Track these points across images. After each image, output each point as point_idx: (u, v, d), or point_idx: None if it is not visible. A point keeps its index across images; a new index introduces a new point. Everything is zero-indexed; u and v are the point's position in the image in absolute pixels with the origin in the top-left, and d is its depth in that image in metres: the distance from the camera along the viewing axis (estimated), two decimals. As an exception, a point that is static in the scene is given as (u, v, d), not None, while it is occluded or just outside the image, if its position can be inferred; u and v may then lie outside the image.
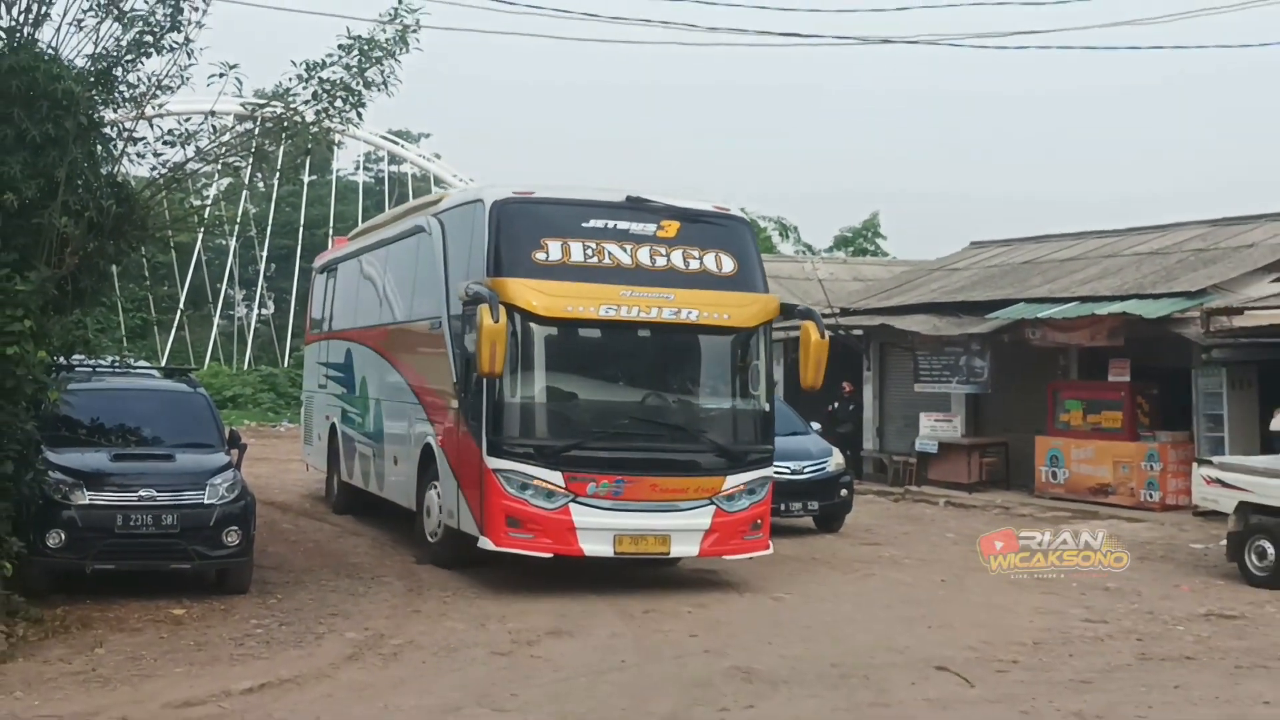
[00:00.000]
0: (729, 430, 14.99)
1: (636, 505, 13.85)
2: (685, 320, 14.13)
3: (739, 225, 15.34)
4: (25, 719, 9.50)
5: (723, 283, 14.47)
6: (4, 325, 11.87)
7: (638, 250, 14.18)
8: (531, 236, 13.98)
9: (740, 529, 14.47)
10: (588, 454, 13.89)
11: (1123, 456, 23.52)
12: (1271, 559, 15.72)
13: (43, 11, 13.02)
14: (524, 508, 13.69)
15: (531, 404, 14.30)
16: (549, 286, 13.67)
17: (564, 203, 14.64)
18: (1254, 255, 24.06)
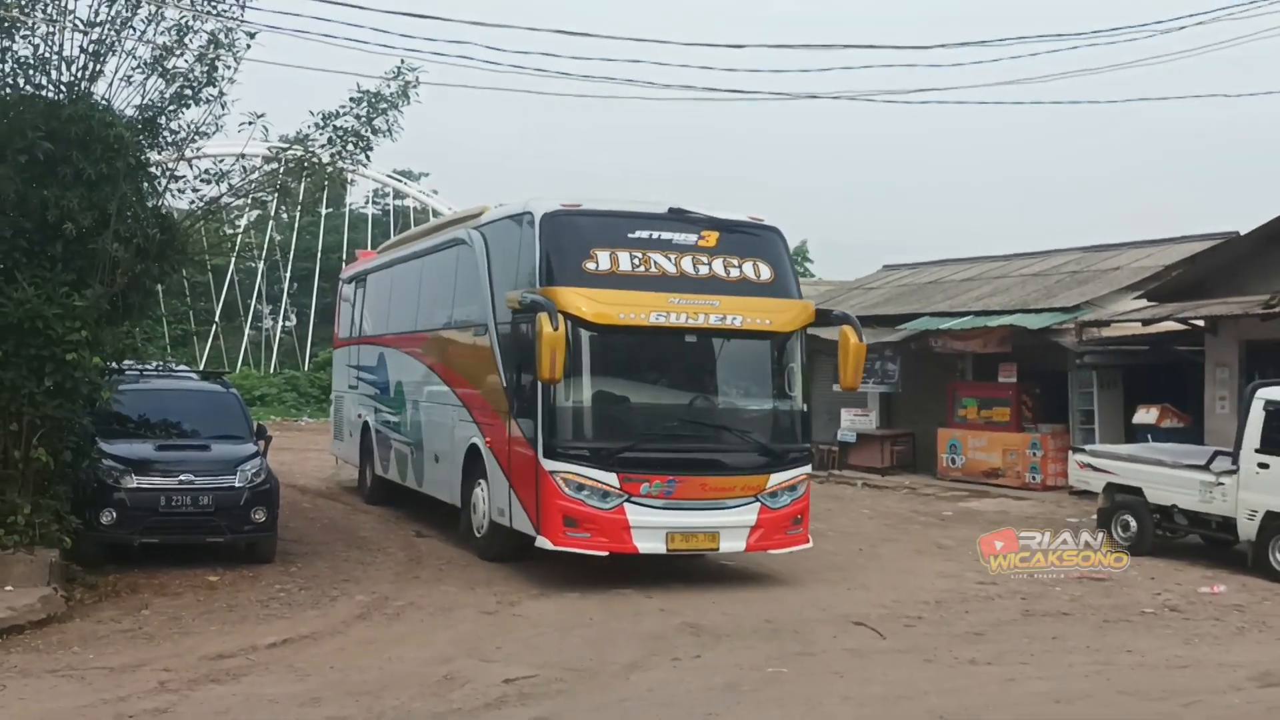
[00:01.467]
0: (771, 431, 13.53)
1: (687, 504, 12.54)
2: (730, 326, 12.74)
3: (773, 235, 13.72)
4: (81, 669, 9.42)
5: (762, 289, 13.14)
6: (64, 335, 11.82)
7: (681, 259, 12.84)
8: (581, 247, 12.67)
9: (783, 525, 13.10)
10: (641, 455, 12.53)
11: (1010, 445, 23.63)
12: (1134, 530, 15.86)
13: (97, 69, 12.97)
14: (580, 508, 12.32)
15: (585, 408, 12.76)
16: (601, 295, 12.32)
17: (610, 214, 13.25)
18: (1120, 276, 24.24)
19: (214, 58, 13.45)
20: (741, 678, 9.43)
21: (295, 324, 65.98)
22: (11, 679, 9.13)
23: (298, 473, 23.15)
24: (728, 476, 12.89)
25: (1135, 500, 15.97)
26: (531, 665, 9.63)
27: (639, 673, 9.60)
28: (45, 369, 11.88)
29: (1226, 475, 14.76)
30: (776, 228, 13.72)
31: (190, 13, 13.39)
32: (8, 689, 8.85)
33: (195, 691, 8.86)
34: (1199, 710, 8.72)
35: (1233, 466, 14.69)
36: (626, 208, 13.33)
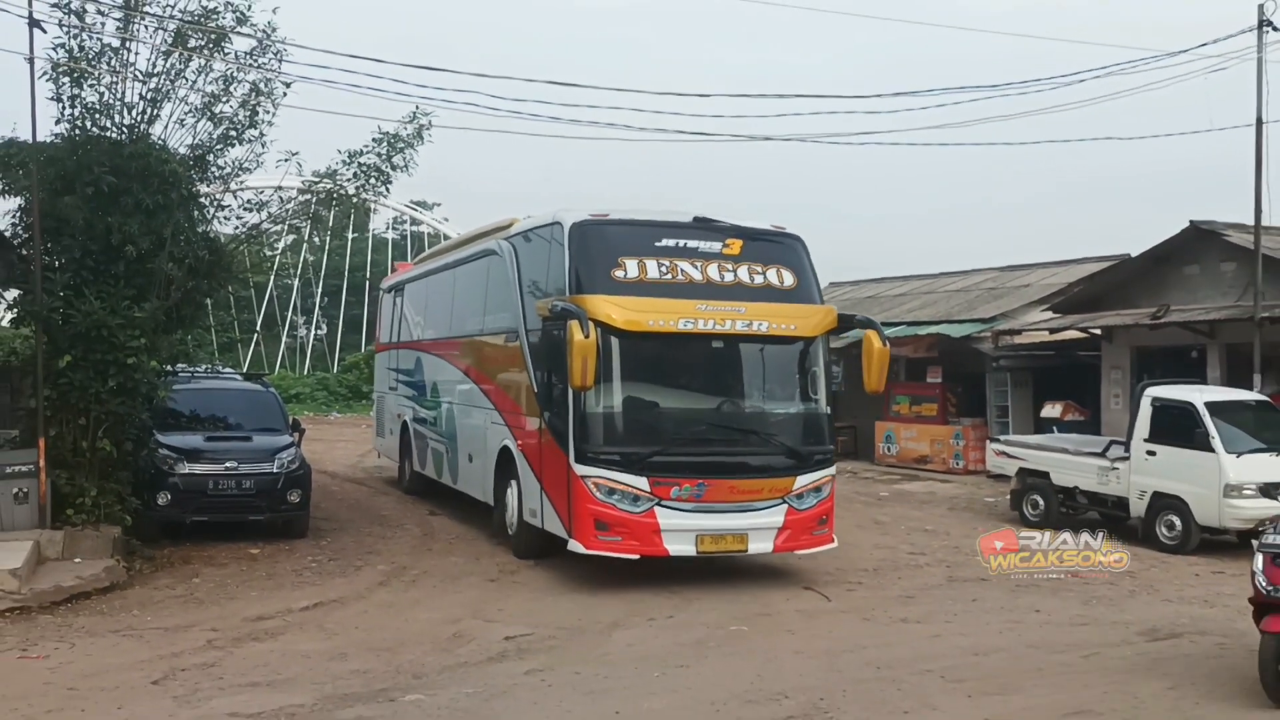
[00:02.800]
0: (797, 433, 12.00)
1: (717, 507, 11.12)
2: (756, 331, 11.31)
3: (795, 242, 12.16)
4: (140, 630, 9.37)
5: (786, 295, 11.68)
6: (126, 342, 11.80)
7: (707, 267, 11.43)
8: (609, 256, 11.26)
9: (809, 526, 11.63)
10: (670, 459, 11.11)
11: (937, 436, 23.69)
12: (1041, 508, 15.92)
13: (154, 113, 12.96)
14: (611, 512, 10.92)
15: (616, 413, 11.29)
16: (630, 302, 10.94)
17: (637, 223, 11.76)
18: (1030, 292, 24.35)
19: (255, 104, 13.43)
20: (708, 635, 9.44)
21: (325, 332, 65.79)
22: (80, 638, 9.08)
23: (327, 460, 23.04)
24: (756, 479, 11.39)
25: (1043, 483, 16.03)
26: (528, 625, 9.62)
27: (621, 630, 9.60)
28: (109, 371, 11.83)
29: (1120, 461, 14.84)
30: (798, 235, 12.24)
31: (235, 65, 13.37)
32: (76, 646, 8.80)
33: (239, 648, 8.82)
34: (1095, 661, 8.75)
35: (1125, 454, 14.78)
36: (653, 217, 11.89)
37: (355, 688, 7.76)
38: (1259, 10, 17.28)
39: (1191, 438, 13.90)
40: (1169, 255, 20.06)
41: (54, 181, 12.14)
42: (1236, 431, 14.05)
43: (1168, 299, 19.75)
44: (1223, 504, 13.54)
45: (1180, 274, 20.08)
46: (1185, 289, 19.92)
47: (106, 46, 12.68)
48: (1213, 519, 13.71)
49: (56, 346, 11.92)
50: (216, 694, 7.57)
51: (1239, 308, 18.19)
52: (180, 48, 12.99)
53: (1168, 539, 14.01)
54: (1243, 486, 13.48)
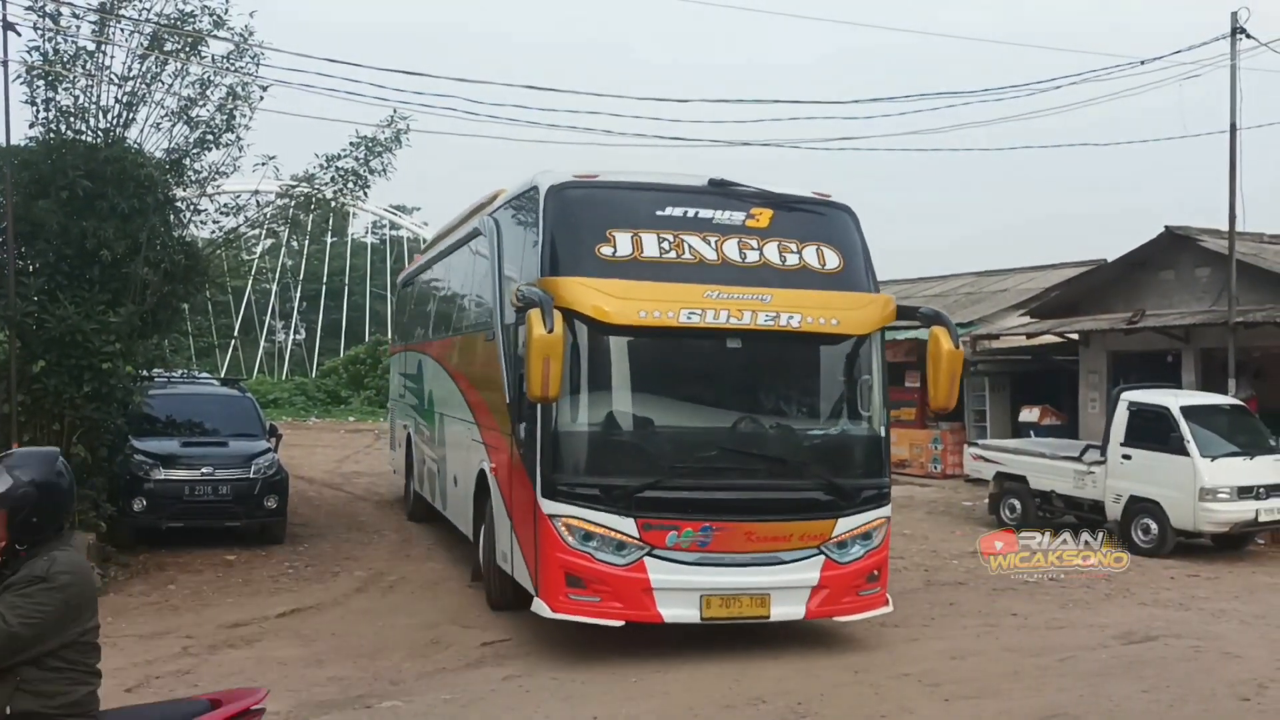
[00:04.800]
0: (839, 461, 9.28)
1: (728, 558, 8.53)
2: (785, 327, 8.55)
3: (843, 214, 9.45)
4: (114, 638, 9.22)
5: (827, 281, 8.93)
6: (100, 348, 11.71)
7: (724, 243, 8.74)
8: (595, 227, 8.65)
9: (854, 583, 8.95)
10: (667, 495, 8.48)
11: (916, 440, 23.76)
12: (1019, 512, 15.99)
13: (130, 117, 12.93)
14: (588, 564, 8.35)
15: (596, 433, 8.68)
16: (616, 287, 8.31)
17: (634, 187, 9.16)
18: (1007, 297, 24.52)
19: (232, 108, 13.42)
20: (685, 640, 9.37)
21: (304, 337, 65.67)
22: (53, 646, 8.97)
23: (306, 466, 22.92)
24: (781, 522, 8.70)
25: (1020, 486, 16.10)
26: (506, 631, 9.58)
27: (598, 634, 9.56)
28: (84, 377, 11.73)
29: (1096, 465, 14.92)
30: (848, 206, 9.51)
31: (212, 69, 13.34)
32: (49, 655, 8.70)
33: (214, 655, 8.78)
34: (1072, 664, 8.79)
35: (1101, 458, 14.86)
36: (656, 179, 9.32)
37: (331, 694, 7.73)
38: (1232, 18, 17.43)
39: (1167, 441, 14.00)
40: (1145, 260, 20.21)
41: (28, 185, 12.04)
42: (1211, 435, 14.17)
43: (1144, 304, 19.90)
44: (1198, 507, 13.63)
45: (1156, 279, 20.23)
46: (1161, 294, 20.06)
47: (81, 50, 12.64)
48: (1188, 522, 13.81)
49: (30, 352, 11.83)
50: (191, 702, 7.51)
51: (1213, 312, 18.33)
52: (156, 51, 12.95)
53: (1143, 542, 14.09)
54: (1217, 490, 13.60)
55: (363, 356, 47.75)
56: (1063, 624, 10.25)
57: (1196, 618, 10.64)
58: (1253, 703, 7.83)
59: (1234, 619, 10.63)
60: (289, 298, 62.11)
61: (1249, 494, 13.75)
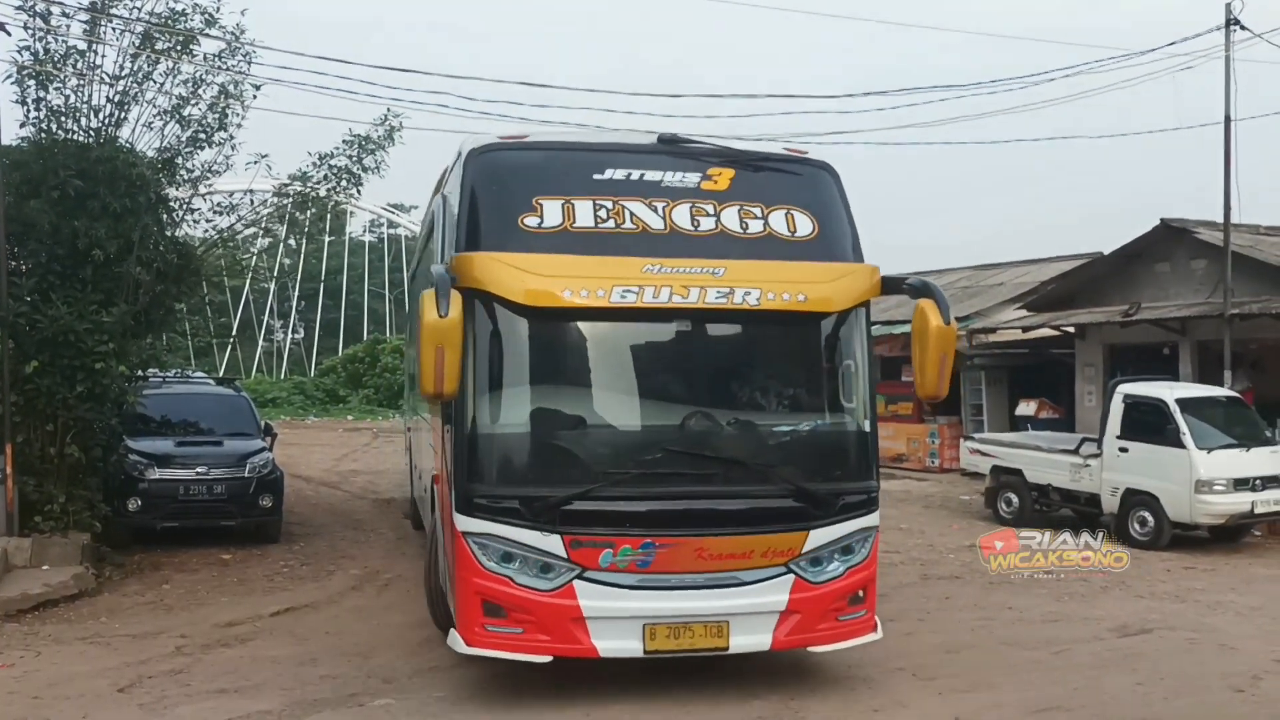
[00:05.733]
0: (813, 462, 7.83)
1: (675, 580, 7.17)
2: (740, 305, 7.19)
3: (819, 173, 8.01)
4: (108, 637, 9.28)
5: (797, 250, 7.56)
6: (93, 347, 11.66)
7: (673, 209, 7.43)
8: (520, 195, 7.39)
9: (832, 606, 7.54)
10: (599, 506, 7.12)
11: (913, 434, 23.79)
12: (1015, 505, 16.00)
13: (122, 116, 12.86)
14: (507, 589, 7.07)
15: (515, 436, 7.39)
16: (538, 263, 7.05)
17: (568, 148, 8.12)
18: (1003, 291, 24.52)
19: (225, 107, 13.35)
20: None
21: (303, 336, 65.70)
22: (45, 646, 8.97)
23: (303, 465, 22.92)
24: (740, 535, 7.29)
25: (1016, 480, 16.09)
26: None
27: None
28: (77, 377, 11.69)
29: (1092, 458, 14.92)
30: (826, 163, 8.11)
31: (204, 68, 13.30)
32: (42, 654, 8.70)
33: (207, 654, 8.74)
34: (1066, 657, 8.78)
35: (1097, 451, 14.85)
36: (595, 139, 8.42)
37: (325, 693, 7.70)
38: (1226, 9, 17.43)
39: (1163, 434, 13.99)
40: (1140, 253, 20.21)
41: (20, 185, 12.00)
42: (1207, 428, 14.17)
43: (1139, 296, 19.89)
44: (1194, 500, 13.63)
45: (1152, 271, 20.22)
46: (1157, 286, 20.06)
47: (72, 49, 12.57)
48: (1184, 515, 13.80)
49: (23, 352, 11.78)
50: (183, 701, 7.50)
51: (1209, 305, 18.33)
52: (148, 50, 12.91)
53: (1140, 535, 14.09)
54: (1214, 482, 13.59)
55: (361, 355, 47.77)
56: (1058, 617, 10.23)
57: (1192, 610, 10.63)
58: (1247, 694, 7.82)
59: (1230, 611, 10.62)
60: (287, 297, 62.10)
61: (1245, 486, 13.74)
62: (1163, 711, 7.42)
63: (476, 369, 7.09)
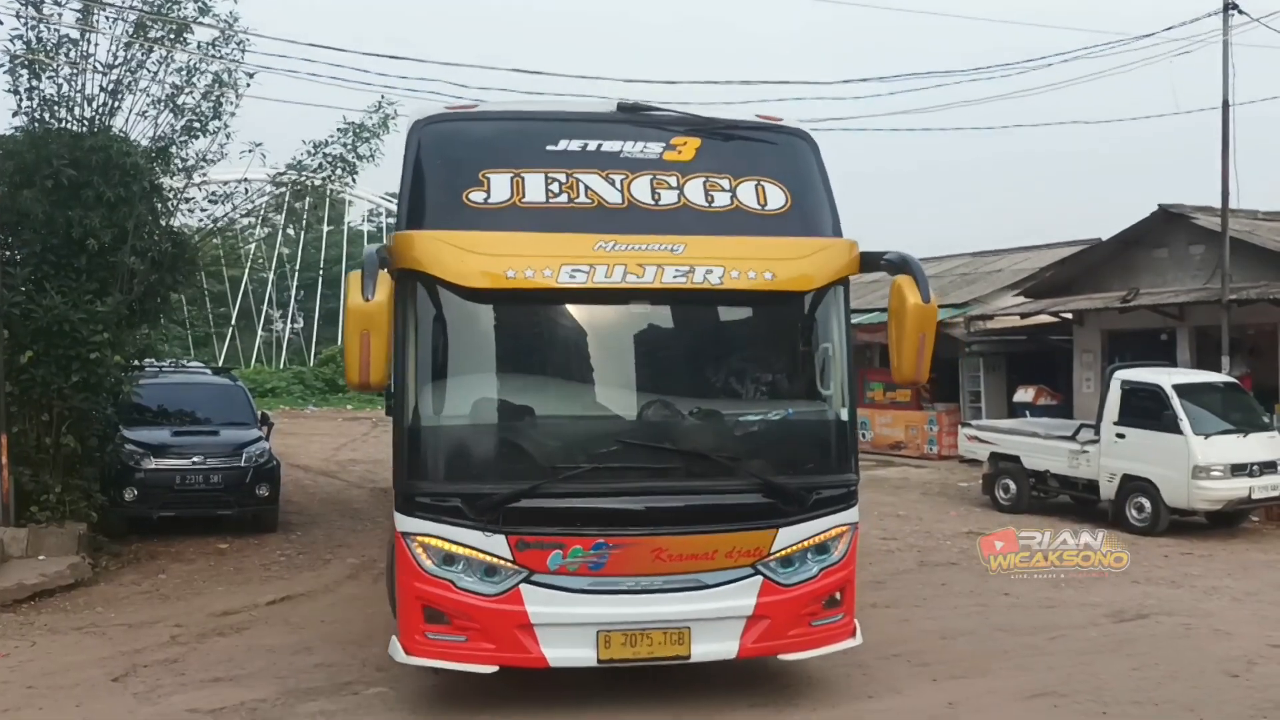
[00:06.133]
0: (783, 454, 7.17)
1: (631, 583, 6.62)
2: (701, 284, 6.58)
3: (795, 142, 7.40)
4: (103, 627, 9.28)
5: (767, 225, 6.94)
6: (88, 337, 11.63)
7: (632, 182, 6.86)
8: (466, 169, 6.86)
9: (805, 610, 6.94)
10: (547, 504, 6.57)
11: (911, 421, 23.76)
12: (1013, 492, 15.98)
13: (115, 105, 12.84)
14: (449, 594, 6.57)
15: (458, 428, 6.86)
16: (480, 241, 6.51)
17: (520, 118, 7.61)
18: (1001, 278, 24.46)
19: (218, 95, 13.31)
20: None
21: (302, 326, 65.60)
22: (41, 636, 8.98)
23: (302, 455, 22.89)
24: (702, 535, 6.71)
25: (1014, 466, 16.07)
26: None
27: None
28: (72, 367, 11.66)
29: (1090, 444, 14.90)
30: (802, 131, 7.51)
31: (197, 56, 13.25)
32: (37, 644, 8.70)
33: (202, 644, 8.74)
34: (1061, 642, 8.78)
35: (1095, 437, 14.84)
36: (550, 108, 7.76)
37: (319, 681, 7.71)
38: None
39: (1160, 420, 13.98)
40: (1138, 239, 20.17)
41: (13, 175, 11.97)
42: (1205, 413, 14.15)
43: (1138, 282, 19.85)
44: (1191, 485, 13.62)
45: (1150, 257, 20.18)
46: (1155, 272, 20.02)
47: (65, 38, 12.54)
48: (1182, 500, 13.79)
49: (18, 342, 11.74)
50: (177, 690, 7.50)
51: (1207, 290, 18.29)
52: (141, 38, 12.86)
53: (1137, 521, 14.08)
54: (1211, 468, 13.59)
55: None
56: (1054, 603, 10.22)
57: (1189, 595, 10.63)
58: (1241, 679, 7.82)
59: (1226, 596, 10.63)
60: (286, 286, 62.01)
61: (1242, 471, 13.74)
62: (1157, 696, 7.41)
63: (416, 357, 6.58)
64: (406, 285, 6.52)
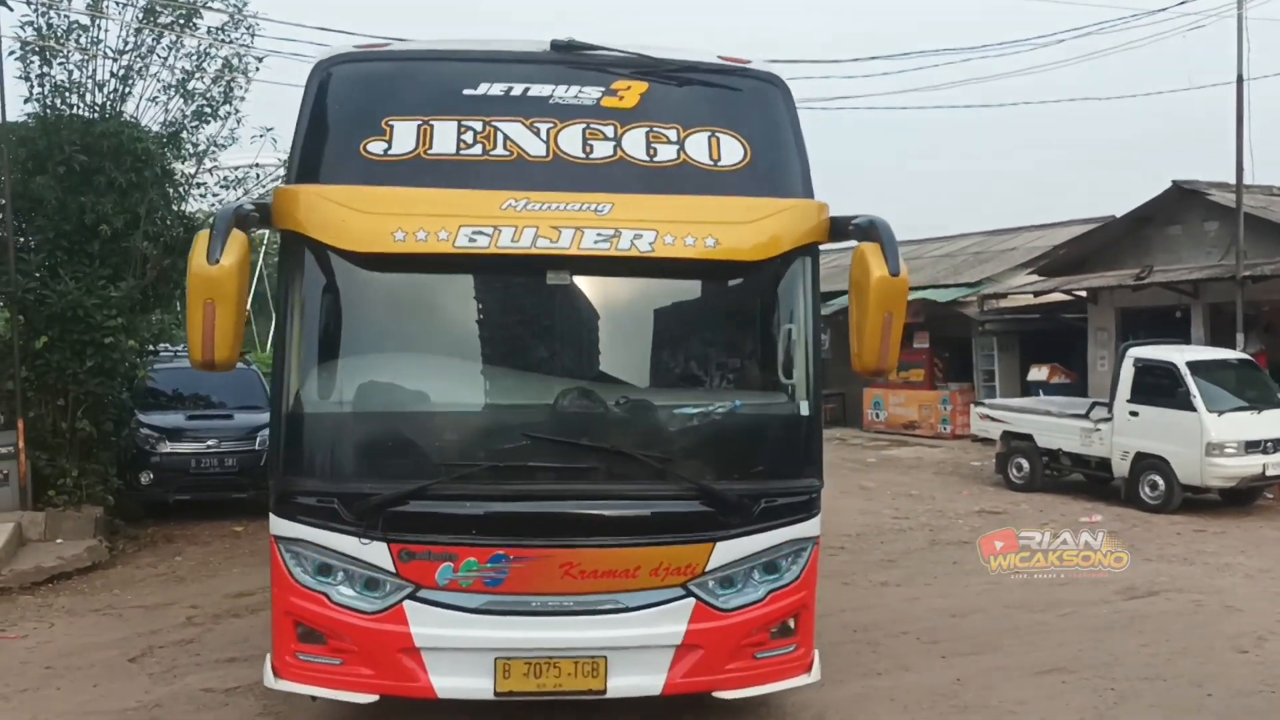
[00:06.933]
0: (726, 453, 5.88)
1: (536, 603, 5.49)
2: (628, 251, 5.38)
3: (763, 87, 6.11)
4: (120, 608, 9.38)
5: (718, 182, 5.74)
6: (102, 322, 11.73)
7: (560, 132, 5.70)
8: (367, 116, 5.71)
9: (746, 639, 5.74)
10: (436, 507, 5.47)
11: (925, 401, 23.74)
12: (1026, 471, 15.96)
13: (126, 91, 12.85)
14: (324, 610, 5.50)
15: (335, 418, 5.69)
16: (368, 198, 5.38)
17: (435, 58, 6.12)
18: (1015, 256, 24.36)
19: (229, 80, 13.32)
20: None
21: (316, 310, 65.97)
22: (59, 618, 9.08)
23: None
24: (621, 548, 5.53)
25: (1027, 445, 16.05)
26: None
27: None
28: (86, 352, 11.76)
29: (1103, 422, 14.86)
30: (773, 75, 6.17)
31: (207, 41, 13.27)
32: (55, 626, 8.80)
33: (218, 625, 8.83)
34: (1072, 619, 8.79)
35: (1108, 415, 14.80)
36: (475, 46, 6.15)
37: (332, 661, 7.76)
38: (1239, -33, 17.19)
39: (1173, 397, 13.93)
40: (1152, 216, 20.05)
41: (25, 162, 12.05)
42: (1218, 390, 14.09)
43: (1152, 260, 19.76)
44: (1205, 463, 13.58)
45: (1164, 234, 20.07)
46: (1169, 249, 19.91)
47: (75, 24, 12.56)
48: (1195, 478, 13.75)
49: (33, 328, 11.86)
50: (192, 670, 7.58)
51: (1222, 267, 18.19)
52: (151, 24, 12.89)
53: (1150, 499, 14.05)
54: (1224, 445, 13.53)
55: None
56: (1065, 581, 10.18)
57: (1201, 572, 10.62)
58: (1251, 655, 7.83)
59: (1238, 573, 10.61)
60: (300, 271, 62.40)
61: (1256, 448, 13.67)
62: (1166, 672, 7.42)
63: (294, 334, 5.52)
64: (287, 250, 5.60)
